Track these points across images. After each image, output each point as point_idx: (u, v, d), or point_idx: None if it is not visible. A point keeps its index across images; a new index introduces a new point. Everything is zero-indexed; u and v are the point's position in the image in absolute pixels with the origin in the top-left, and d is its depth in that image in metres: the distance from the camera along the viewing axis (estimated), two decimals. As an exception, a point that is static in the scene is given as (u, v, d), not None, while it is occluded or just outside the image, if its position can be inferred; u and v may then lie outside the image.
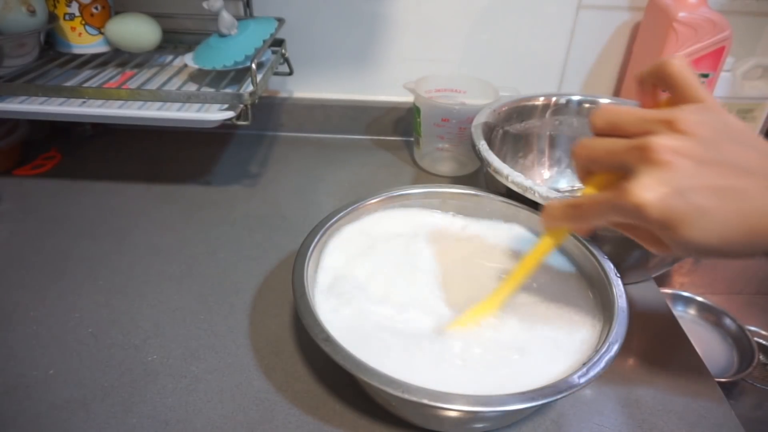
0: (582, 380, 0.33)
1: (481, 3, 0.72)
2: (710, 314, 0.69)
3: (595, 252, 0.43)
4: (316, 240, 0.44)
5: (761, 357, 0.66)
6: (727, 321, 0.67)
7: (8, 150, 0.67)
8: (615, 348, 0.35)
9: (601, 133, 0.31)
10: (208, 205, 0.63)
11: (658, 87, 0.33)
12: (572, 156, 0.33)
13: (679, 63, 0.31)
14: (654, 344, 0.47)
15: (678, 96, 0.31)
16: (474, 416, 0.36)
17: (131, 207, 0.62)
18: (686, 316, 0.70)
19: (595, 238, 0.45)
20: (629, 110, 0.30)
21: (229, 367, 0.43)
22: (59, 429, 0.38)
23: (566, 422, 0.40)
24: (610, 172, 0.31)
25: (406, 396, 0.32)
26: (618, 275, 0.41)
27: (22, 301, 0.49)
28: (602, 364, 0.34)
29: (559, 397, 0.32)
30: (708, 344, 0.67)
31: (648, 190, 0.27)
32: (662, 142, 0.27)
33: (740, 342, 0.65)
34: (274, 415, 0.40)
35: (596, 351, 0.36)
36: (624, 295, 0.39)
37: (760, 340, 0.68)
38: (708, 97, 0.30)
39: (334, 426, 0.39)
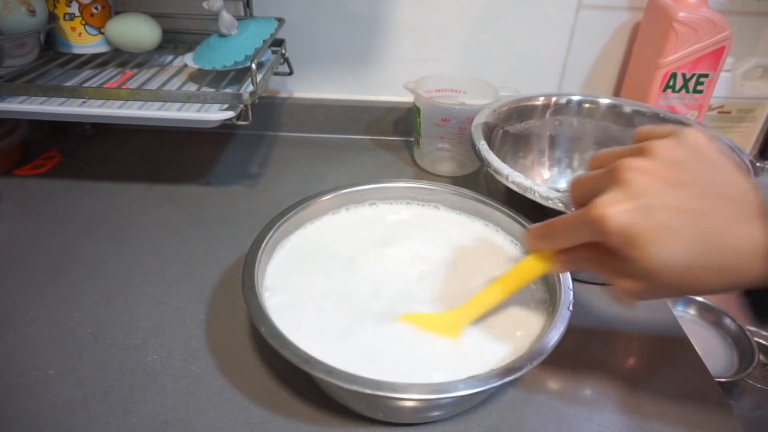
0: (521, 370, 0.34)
1: (481, 3, 0.72)
2: (710, 314, 0.69)
3: None
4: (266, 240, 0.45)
5: (761, 357, 0.66)
6: (727, 321, 0.67)
7: (8, 150, 0.67)
8: (558, 335, 0.37)
9: (592, 169, 0.33)
10: (208, 205, 0.63)
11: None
12: (569, 190, 0.34)
13: (645, 127, 0.33)
14: (654, 344, 0.47)
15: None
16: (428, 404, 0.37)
17: (131, 207, 0.62)
18: (686, 316, 0.70)
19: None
20: (616, 148, 0.32)
21: (229, 367, 0.43)
22: (59, 429, 0.38)
23: (566, 422, 0.40)
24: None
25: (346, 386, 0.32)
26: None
27: (22, 301, 0.49)
28: (546, 349, 0.35)
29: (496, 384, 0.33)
30: (708, 344, 0.66)
31: (610, 205, 0.28)
32: (629, 163, 0.29)
33: (740, 342, 0.65)
34: (274, 415, 0.40)
35: (540, 337, 0.37)
36: (569, 281, 0.40)
37: (760, 340, 0.68)
38: (685, 129, 0.30)
39: (335, 427, 0.39)
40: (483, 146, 0.52)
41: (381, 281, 0.44)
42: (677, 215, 0.27)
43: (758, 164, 0.50)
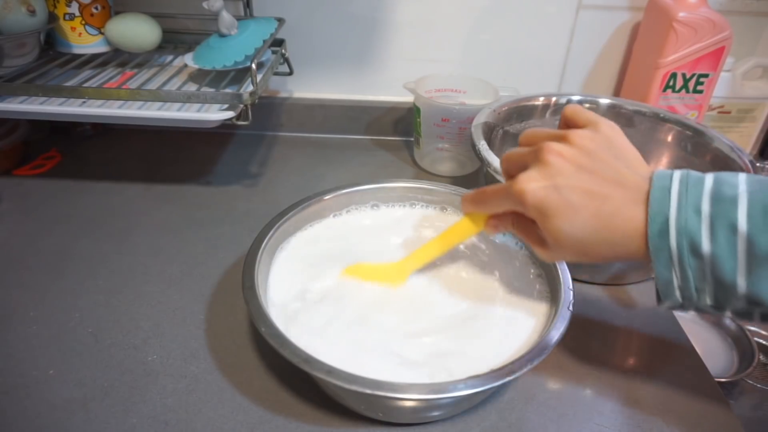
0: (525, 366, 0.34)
1: (481, 3, 0.72)
2: (710, 315, 0.69)
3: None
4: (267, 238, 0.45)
5: (761, 357, 0.66)
6: (727, 321, 0.67)
7: (8, 150, 0.67)
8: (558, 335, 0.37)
9: (521, 146, 0.38)
10: (208, 205, 0.63)
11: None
12: (501, 164, 0.39)
13: (571, 107, 0.37)
14: (654, 344, 0.47)
15: (579, 127, 0.36)
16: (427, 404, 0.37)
17: (131, 207, 0.62)
18: (686, 316, 0.70)
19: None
20: (544, 129, 0.37)
21: (229, 367, 0.43)
22: (59, 429, 0.38)
23: (566, 422, 0.40)
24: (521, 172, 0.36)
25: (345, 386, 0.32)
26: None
27: (22, 301, 0.49)
28: (546, 351, 0.36)
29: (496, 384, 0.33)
30: (708, 344, 0.66)
31: (530, 181, 0.33)
32: (551, 146, 0.34)
33: (740, 342, 0.65)
34: (274, 415, 0.40)
35: (541, 337, 0.37)
36: (569, 281, 0.41)
37: (760, 340, 0.68)
38: (601, 122, 0.35)
39: (335, 427, 0.39)
40: (483, 146, 0.52)
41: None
42: (581, 196, 0.32)
43: (758, 164, 0.50)
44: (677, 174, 0.31)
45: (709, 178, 0.31)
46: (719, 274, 0.29)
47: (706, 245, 0.29)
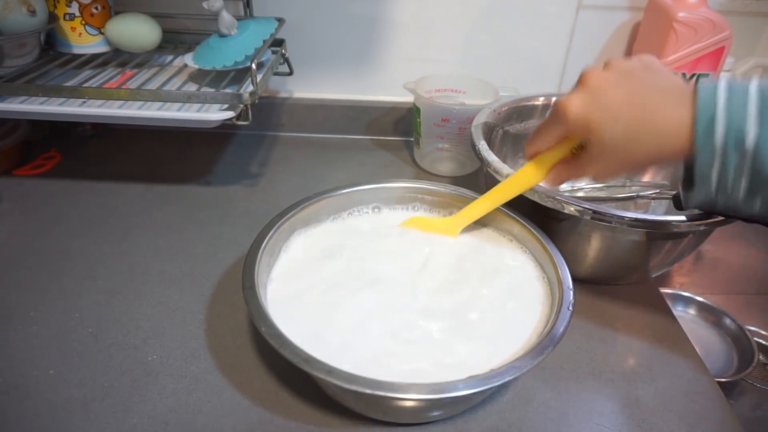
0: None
1: (481, 3, 0.72)
2: (710, 314, 0.69)
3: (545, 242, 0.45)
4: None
5: (761, 357, 0.66)
6: (727, 321, 0.67)
7: (8, 150, 0.67)
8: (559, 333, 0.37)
9: None
10: (208, 205, 0.63)
11: None
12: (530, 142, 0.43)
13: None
14: (654, 344, 0.47)
15: None
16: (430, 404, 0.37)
17: (131, 207, 0.62)
18: (686, 316, 0.70)
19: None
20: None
21: (229, 367, 0.43)
22: (59, 429, 0.38)
23: (566, 422, 0.40)
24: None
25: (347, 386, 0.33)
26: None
27: (22, 301, 0.49)
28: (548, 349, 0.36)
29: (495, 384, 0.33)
30: (708, 344, 0.66)
31: (570, 99, 0.37)
32: (591, 71, 0.38)
33: (740, 342, 0.65)
34: (274, 415, 0.40)
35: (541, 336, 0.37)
36: (569, 281, 0.41)
37: (760, 340, 0.68)
38: (642, 54, 0.39)
39: (335, 427, 0.39)
40: (483, 146, 0.52)
41: (381, 277, 0.44)
42: (621, 105, 0.35)
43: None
44: (723, 78, 0.34)
45: (754, 81, 0.33)
46: (760, 164, 0.31)
47: (750, 136, 0.31)
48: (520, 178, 0.44)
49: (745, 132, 0.31)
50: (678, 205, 0.39)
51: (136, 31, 0.64)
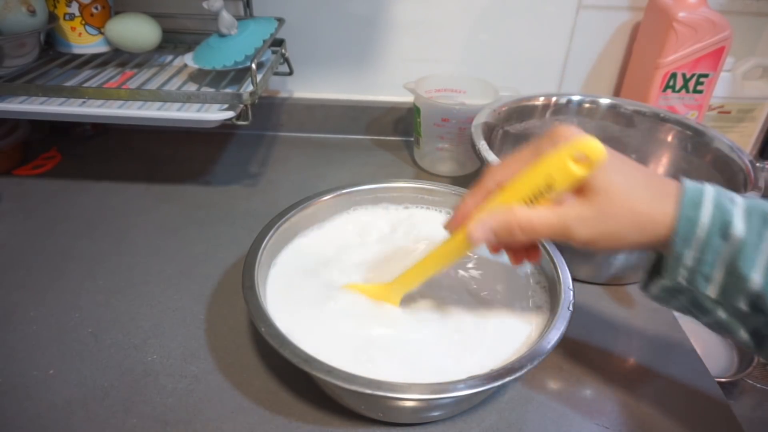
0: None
1: (481, 3, 0.72)
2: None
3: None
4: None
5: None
6: (727, 321, 0.67)
7: (8, 150, 0.67)
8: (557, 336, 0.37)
9: None
10: (208, 205, 0.63)
11: None
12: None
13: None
14: (654, 344, 0.47)
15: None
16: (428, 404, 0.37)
17: (131, 207, 0.62)
18: (686, 316, 0.70)
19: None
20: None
21: (229, 367, 0.43)
22: (59, 429, 0.38)
23: (566, 422, 0.40)
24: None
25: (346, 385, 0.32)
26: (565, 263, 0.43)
27: (22, 301, 0.49)
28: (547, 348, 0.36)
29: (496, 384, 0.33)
30: (708, 344, 0.66)
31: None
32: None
33: (740, 342, 0.65)
34: (274, 415, 0.40)
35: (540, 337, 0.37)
36: (569, 281, 0.41)
37: (760, 340, 0.68)
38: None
39: (335, 427, 0.39)
40: (483, 146, 0.52)
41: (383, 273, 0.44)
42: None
43: (758, 164, 0.50)
44: (708, 185, 0.31)
45: (738, 195, 0.31)
46: (738, 263, 0.29)
47: (737, 228, 0.29)
48: (453, 248, 0.38)
49: (731, 223, 0.29)
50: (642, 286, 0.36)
51: (136, 31, 0.64)
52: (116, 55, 0.67)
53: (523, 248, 0.37)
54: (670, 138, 0.60)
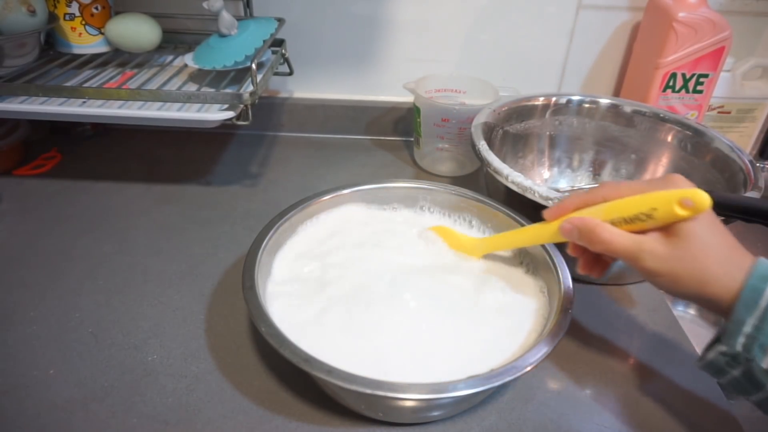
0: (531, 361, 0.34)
1: (481, 3, 0.72)
2: (710, 314, 0.69)
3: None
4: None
5: (761, 357, 0.66)
6: (727, 321, 0.67)
7: (8, 150, 0.67)
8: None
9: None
10: (208, 205, 0.63)
11: None
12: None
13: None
14: (654, 344, 0.47)
15: None
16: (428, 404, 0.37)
17: (131, 207, 0.62)
18: (686, 316, 0.70)
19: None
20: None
21: (229, 367, 0.43)
22: (59, 429, 0.38)
23: (566, 422, 0.40)
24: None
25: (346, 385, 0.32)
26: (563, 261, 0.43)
27: (22, 301, 0.49)
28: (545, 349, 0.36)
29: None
30: (708, 344, 0.66)
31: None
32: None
33: (740, 342, 0.65)
34: (274, 415, 0.40)
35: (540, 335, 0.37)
36: (569, 281, 0.41)
37: (760, 340, 0.68)
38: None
39: (335, 426, 0.39)
40: (483, 146, 0.52)
41: (382, 272, 0.45)
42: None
43: (758, 164, 0.50)
44: None
45: None
46: None
47: None
48: (541, 233, 0.42)
49: None
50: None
51: (136, 31, 0.64)
52: (116, 55, 0.67)
53: (594, 259, 0.39)
54: (670, 138, 0.60)
